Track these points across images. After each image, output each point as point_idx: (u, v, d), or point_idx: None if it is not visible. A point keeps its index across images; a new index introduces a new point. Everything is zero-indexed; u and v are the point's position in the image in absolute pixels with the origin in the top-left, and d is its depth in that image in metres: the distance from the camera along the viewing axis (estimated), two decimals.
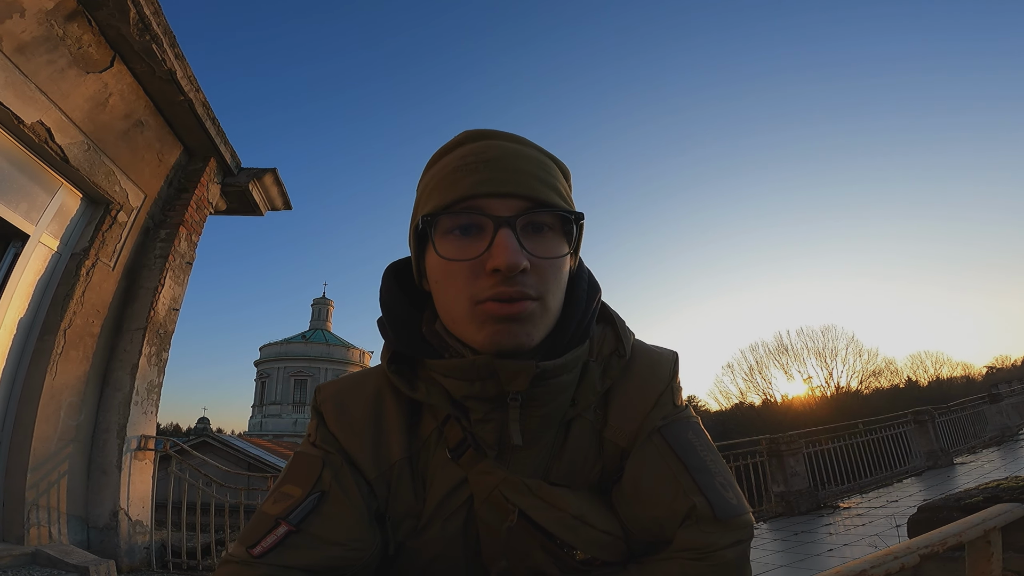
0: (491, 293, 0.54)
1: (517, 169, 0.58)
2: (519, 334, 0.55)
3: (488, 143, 0.60)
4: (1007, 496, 1.37)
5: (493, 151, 0.59)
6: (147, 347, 4.31)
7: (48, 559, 3.19)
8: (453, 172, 0.58)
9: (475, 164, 0.58)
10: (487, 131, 0.63)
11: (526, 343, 0.56)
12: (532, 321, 0.56)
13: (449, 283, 0.57)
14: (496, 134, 0.62)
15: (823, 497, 7.22)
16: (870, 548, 4.54)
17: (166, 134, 4.54)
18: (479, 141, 0.61)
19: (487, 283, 0.54)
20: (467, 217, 0.56)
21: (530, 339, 0.56)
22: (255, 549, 0.55)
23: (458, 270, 0.56)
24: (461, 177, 0.57)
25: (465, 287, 0.56)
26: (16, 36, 3.08)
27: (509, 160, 0.58)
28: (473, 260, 0.55)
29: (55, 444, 3.65)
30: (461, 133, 0.63)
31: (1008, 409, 11.49)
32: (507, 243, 0.53)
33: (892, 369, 32.12)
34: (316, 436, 0.65)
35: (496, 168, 0.57)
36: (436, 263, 0.58)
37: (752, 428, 20.20)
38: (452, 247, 0.56)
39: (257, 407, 31.18)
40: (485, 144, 0.60)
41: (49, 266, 3.80)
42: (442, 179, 0.59)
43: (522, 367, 0.55)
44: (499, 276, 0.53)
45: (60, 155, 3.55)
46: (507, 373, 0.56)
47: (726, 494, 0.58)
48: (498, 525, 0.61)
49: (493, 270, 0.53)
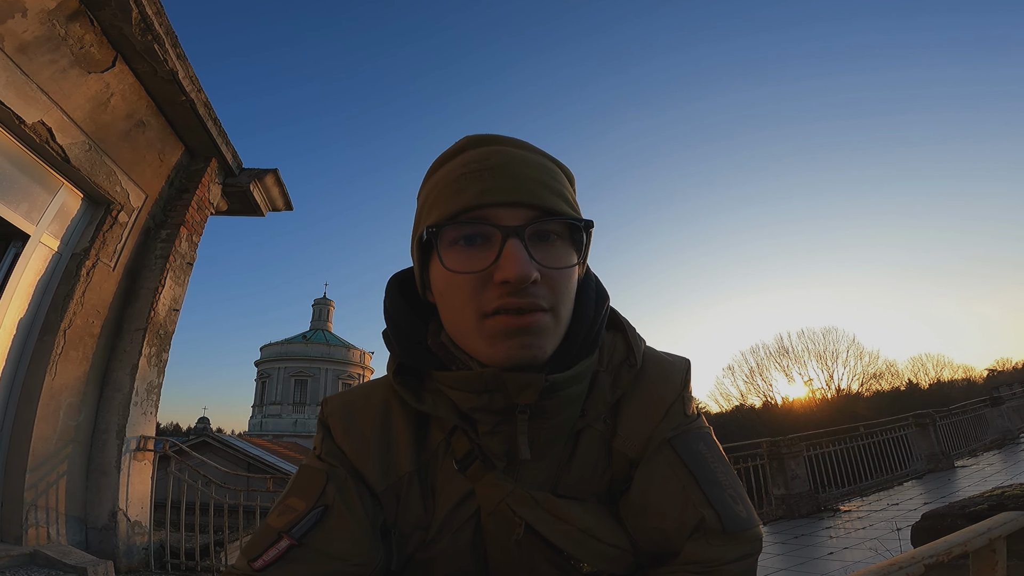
0: (499, 304, 0.53)
1: (523, 176, 0.56)
2: (532, 347, 0.54)
3: (492, 149, 0.58)
4: (1012, 504, 1.36)
5: (497, 157, 0.57)
6: (147, 348, 4.30)
7: (46, 559, 3.19)
8: (456, 180, 0.57)
9: (479, 172, 0.56)
10: (490, 136, 0.61)
11: (539, 356, 0.55)
12: (544, 334, 0.55)
13: (455, 295, 0.56)
14: (499, 139, 0.61)
15: (823, 500, 7.20)
16: (870, 552, 4.53)
17: (167, 134, 4.54)
18: (482, 147, 0.59)
19: (495, 294, 0.53)
20: (473, 227, 0.55)
21: (543, 352, 0.55)
22: (257, 562, 0.54)
23: (465, 282, 0.54)
24: (465, 185, 0.56)
25: (472, 299, 0.54)
26: (18, 36, 3.08)
27: (514, 167, 0.57)
28: (481, 272, 0.54)
29: (54, 444, 3.64)
30: (463, 139, 0.62)
31: (1009, 412, 11.46)
32: (516, 254, 0.52)
33: (893, 372, 32.17)
34: (322, 449, 0.64)
35: (501, 175, 0.55)
36: (441, 275, 0.56)
37: (752, 430, 20.21)
38: (458, 259, 0.55)
39: (257, 407, 31.14)
40: (488, 150, 0.58)
41: (49, 266, 3.79)
42: (445, 188, 0.57)
43: (531, 380, 0.54)
44: (508, 288, 0.52)
45: (61, 155, 3.55)
46: (516, 386, 0.54)
47: (736, 507, 0.57)
48: (505, 538, 0.60)
49: (503, 282, 0.52)
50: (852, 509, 6.74)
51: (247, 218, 5.76)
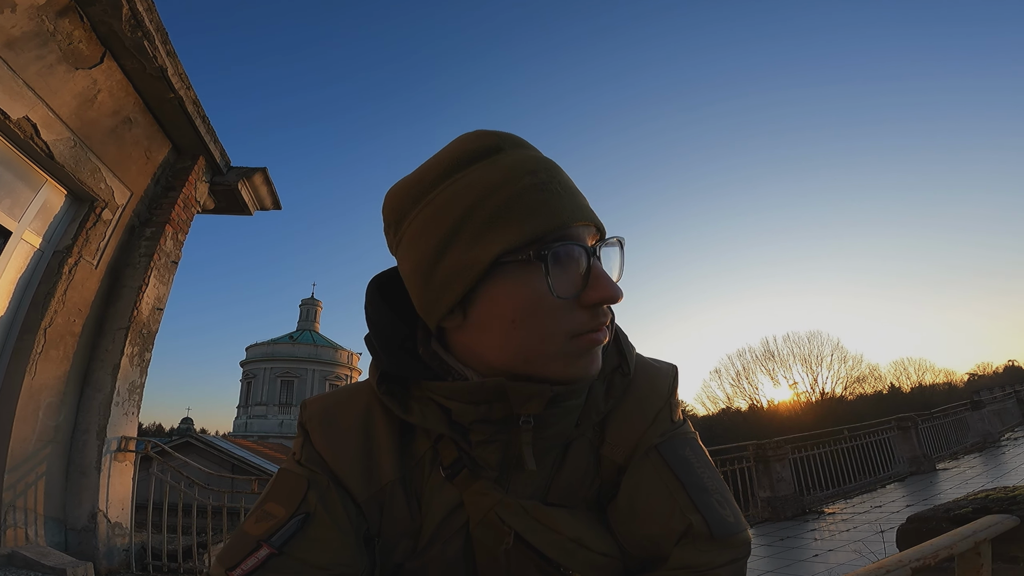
0: (593, 324, 0.53)
1: (579, 192, 0.56)
2: (599, 359, 0.56)
3: (534, 155, 0.57)
4: (996, 507, 1.38)
5: (553, 168, 0.55)
6: (129, 347, 4.23)
7: (24, 561, 3.14)
8: (532, 191, 0.52)
9: (551, 185, 0.53)
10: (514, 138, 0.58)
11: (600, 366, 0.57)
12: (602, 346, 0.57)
13: (540, 319, 0.52)
14: (524, 143, 0.59)
15: (808, 502, 7.29)
16: (855, 554, 4.59)
17: (155, 132, 4.48)
18: (520, 150, 0.57)
19: (586, 315, 0.53)
20: (564, 247, 0.52)
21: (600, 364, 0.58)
22: (235, 571, 0.52)
23: (556, 305, 0.52)
24: (547, 199, 0.52)
25: (563, 322, 0.53)
26: (6, 31, 3.03)
27: (569, 180, 0.56)
28: (577, 294, 0.53)
29: (33, 445, 3.58)
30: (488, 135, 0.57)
31: (990, 416, 11.66)
32: (607, 274, 0.53)
33: (876, 375, 32.74)
34: (301, 454, 0.62)
35: (572, 191, 0.55)
36: (525, 297, 0.52)
37: (739, 433, 20.40)
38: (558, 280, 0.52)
39: (243, 408, 30.77)
40: (533, 156, 0.56)
41: (31, 264, 3.72)
42: (518, 199, 0.52)
43: (537, 390, 0.53)
44: (600, 308, 0.53)
45: (45, 152, 3.48)
46: (520, 396, 0.54)
47: (723, 512, 0.57)
48: (494, 548, 0.59)
49: (597, 303, 0.53)
50: (836, 511, 6.83)
51: (234, 217, 5.70)
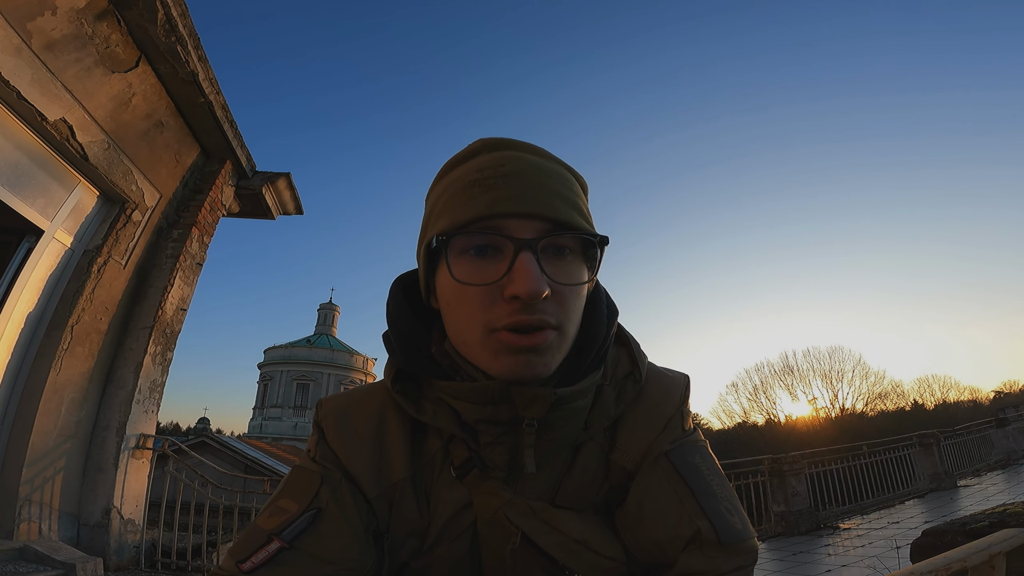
0: (509, 322, 0.52)
1: (538, 186, 0.54)
2: (537, 365, 0.53)
3: (506, 154, 0.57)
4: (1014, 521, 1.35)
5: (512, 164, 0.55)
6: (153, 346, 4.32)
7: (36, 555, 3.18)
8: (469, 187, 0.55)
9: (493, 179, 0.54)
10: (505, 140, 0.59)
11: (543, 373, 0.54)
12: (549, 352, 0.54)
13: (462, 307, 0.54)
14: (514, 144, 0.59)
15: (823, 517, 7.13)
16: (868, 569, 4.48)
17: (185, 135, 4.59)
18: (496, 151, 0.57)
19: (504, 310, 0.52)
20: (484, 238, 0.53)
21: (547, 369, 0.54)
22: (245, 564, 0.53)
23: (473, 294, 0.53)
24: (478, 193, 0.54)
25: (480, 312, 0.53)
26: (46, 33, 3.12)
27: (529, 175, 0.55)
28: (491, 285, 0.52)
29: (54, 439, 3.65)
30: (476, 141, 0.59)
31: (1015, 433, 11.33)
32: (528, 269, 0.50)
33: (899, 392, 31.85)
34: (316, 451, 0.63)
35: (516, 184, 0.53)
36: (448, 284, 0.55)
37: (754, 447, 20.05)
38: (467, 269, 0.53)
39: (258, 409, 31.11)
40: (503, 155, 0.56)
41: (61, 262, 3.83)
42: (456, 194, 0.56)
43: (539, 394, 0.54)
44: (518, 303, 0.51)
45: (80, 153, 3.59)
46: (523, 399, 0.54)
47: (731, 519, 0.56)
48: (501, 547, 0.60)
49: (512, 297, 0.51)
50: (852, 527, 6.67)
51: (257, 220, 5.82)
